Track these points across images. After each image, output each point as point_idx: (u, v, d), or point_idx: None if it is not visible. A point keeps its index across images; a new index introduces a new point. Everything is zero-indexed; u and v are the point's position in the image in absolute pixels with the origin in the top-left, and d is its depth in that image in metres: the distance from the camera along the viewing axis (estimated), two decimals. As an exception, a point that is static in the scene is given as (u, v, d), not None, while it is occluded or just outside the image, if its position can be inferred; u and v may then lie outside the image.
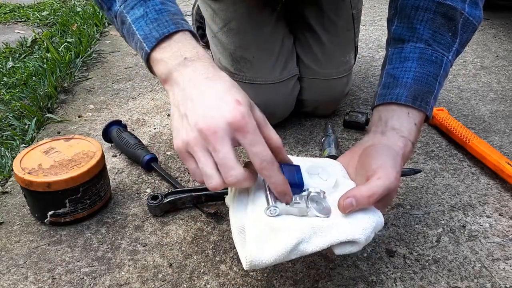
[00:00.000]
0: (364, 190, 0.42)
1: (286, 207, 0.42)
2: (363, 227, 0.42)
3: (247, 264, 0.40)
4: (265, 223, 0.41)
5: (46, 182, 0.56)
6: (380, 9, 1.62)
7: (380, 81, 0.56)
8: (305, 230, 0.41)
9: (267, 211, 0.41)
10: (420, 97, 0.51)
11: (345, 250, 0.42)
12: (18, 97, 0.94)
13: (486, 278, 0.52)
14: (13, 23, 1.57)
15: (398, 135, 0.49)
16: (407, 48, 0.54)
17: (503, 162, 0.68)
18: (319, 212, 0.42)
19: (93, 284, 0.51)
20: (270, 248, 0.40)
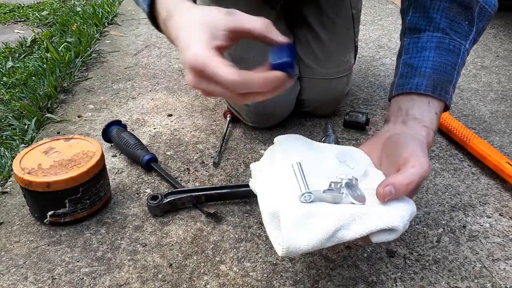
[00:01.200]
0: (402, 178, 0.42)
1: (320, 194, 0.41)
2: (401, 215, 0.41)
3: (283, 250, 0.39)
4: (301, 209, 0.40)
5: (46, 182, 0.56)
6: (380, 9, 1.62)
7: (396, 71, 0.56)
8: (344, 217, 0.40)
9: (301, 197, 0.41)
10: (439, 86, 0.51)
11: (382, 238, 0.41)
12: (18, 97, 0.94)
13: (487, 278, 0.52)
14: (12, 23, 1.57)
15: (420, 124, 0.50)
16: (424, 37, 0.54)
17: (504, 162, 0.68)
18: (354, 199, 0.42)
19: (93, 284, 0.51)
20: (308, 234, 0.39)
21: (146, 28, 1.43)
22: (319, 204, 0.41)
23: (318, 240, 0.39)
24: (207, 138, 0.81)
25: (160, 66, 1.13)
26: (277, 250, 0.39)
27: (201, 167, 0.72)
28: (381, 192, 0.41)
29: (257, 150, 0.77)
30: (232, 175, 0.71)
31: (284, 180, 0.44)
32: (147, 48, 1.25)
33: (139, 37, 1.34)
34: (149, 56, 1.19)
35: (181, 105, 0.93)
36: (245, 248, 0.56)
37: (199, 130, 0.83)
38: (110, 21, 1.49)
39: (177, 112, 0.90)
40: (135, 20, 1.52)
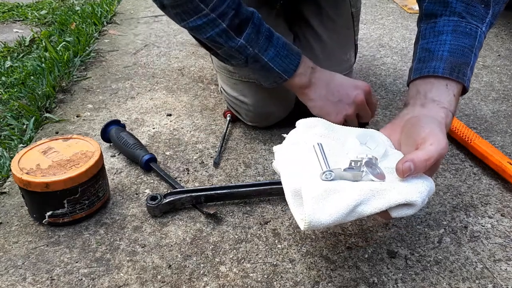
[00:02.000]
0: (421, 154, 0.43)
1: (341, 172, 0.43)
2: (419, 190, 0.43)
3: (306, 224, 0.40)
4: (322, 186, 0.42)
5: (44, 183, 0.55)
6: (381, 8, 1.62)
7: (414, 56, 0.58)
8: (364, 192, 0.42)
9: (323, 175, 0.43)
10: (457, 69, 0.52)
11: (402, 212, 0.43)
12: (16, 97, 0.94)
13: (488, 279, 0.52)
14: (11, 22, 1.56)
15: (438, 106, 0.51)
16: (440, 22, 0.55)
17: (505, 162, 0.67)
18: (374, 176, 0.43)
19: (92, 285, 0.50)
20: (329, 209, 0.41)
21: (145, 28, 1.42)
22: (339, 181, 0.43)
23: (339, 215, 0.40)
24: (207, 138, 0.80)
25: (159, 65, 1.13)
26: (300, 225, 0.41)
27: (200, 167, 0.72)
28: (400, 168, 0.43)
29: (257, 150, 0.77)
30: (232, 175, 0.70)
31: (306, 160, 0.46)
32: (146, 48, 1.25)
33: (138, 36, 1.34)
34: (148, 56, 1.19)
35: (181, 105, 0.92)
36: (245, 249, 0.56)
37: (198, 130, 0.83)
38: (109, 20, 1.48)
39: (176, 111, 0.90)
40: (134, 19, 1.51)
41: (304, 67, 0.64)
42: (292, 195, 0.44)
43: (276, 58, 0.62)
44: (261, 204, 0.64)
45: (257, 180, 0.69)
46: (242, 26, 0.59)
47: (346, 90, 0.65)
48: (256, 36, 0.60)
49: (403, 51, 1.21)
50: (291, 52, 0.63)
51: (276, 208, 0.63)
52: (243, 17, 0.59)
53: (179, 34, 1.36)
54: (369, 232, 0.58)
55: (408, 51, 1.21)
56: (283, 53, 0.62)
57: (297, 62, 0.63)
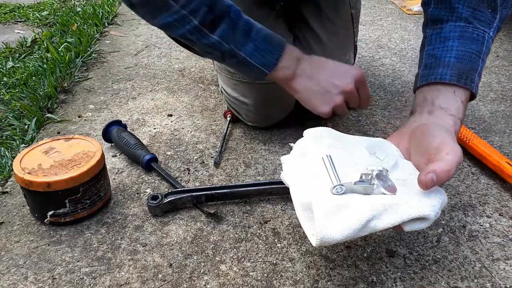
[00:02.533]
0: (442, 165, 0.42)
1: (352, 185, 0.42)
2: (432, 203, 0.42)
3: (317, 240, 0.39)
4: (333, 200, 0.41)
5: (46, 182, 0.56)
6: (380, 9, 1.62)
7: (420, 62, 0.57)
8: (376, 207, 0.41)
9: (333, 189, 0.42)
10: (464, 75, 0.52)
11: (414, 226, 0.42)
12: (18, 97, 0.94)
13: (486, 278, 0.52)
14: (13, 23, 1.57)
15: (446, 113, 0.50)
16: (447, 27, 0.54)
17: (503, 162, 0.68)
18: (385, 189, 0.43)
19: (93, 284, 0.51)
20: (341, 224, 0.40)
21: (146, 28, 1.43)
22: (350, 195, 0.42)
23: (352, 230, 0.40)
24: (207, 138, 0.81)
25: (160, 66, 1.13)
26: (311, 240, 0.40)
27: (201, 167, 0.73)
28: (423, 180, 0.42)
29: (257, 150, 0.77)
30: (232, 175, 0.71)
31: (315, 172, 0.45)
32: (147, 48, 1.25)
33: (139, 37, 1.34)
34: (149, 56, 1.19)
35: (181, 105, 0.93)
36: (245, 248, 0.56)
37: (199, 130, 0.83)
38: (110, 21, 1.49)
39: (177, 112, 0.90)
40: (135, 20, 1.52)
41: (288, 59, 0.60)
42: (302, 209, 0.43)
43: (255, 53, 0.58)
44: (261, 203, 0.64)
45: (257, 180, 0.69)
46: (216, 22, 0.56)
47: (334, 80, 0.61)
48: (232, 32, 0.57)
49: (402, 52, 1.22)
50: (272, 45, 0.60)
51: (276, 208, 0.63)
52: (217, 13, 0.56)
53: (180, 35, 1.36)
54: (368, 231, 0.59)
55: (407, 52, 1.22)
56: (262, 47, 0.59)
57: (277, 55, 0.60)
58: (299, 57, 0.62)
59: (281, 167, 0.72)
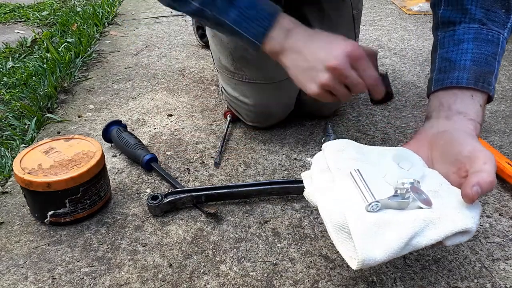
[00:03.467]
0: (485, 176, 0.40)
1: (387, 201, 0.40)
2: (472, 215, 0.40)
3: (358, 263, 0.37)
4: (370, 219, 0.39)
5: (46, 182, 0.56)
6: (380, 9, 1.62)
7: (432, 66, 0.55)
8: (418, 223, 0.39)
9: (369, 207, 0.40)
10: (481, 78, 0.50)
11: (456, 240, 0.40)
12: (18, 97, 0.94)
13: (486, 278, 0.52)
14: (13, 23, 1.57)
15: (466, 118, 0.48)
16: (460, 30, 0.53)
17: (503, 162, 0.68)
18: (422, 203, 0.40)
19: (93, 284, 0.51)
20: (382, 245, 0.38)
21: (146, 28, 1.43)
22: (387, 212, 0.40)
23: (394, 250, 0.38)
24: (207, 138, 0.81)
25: (160, 66, 1.13)
26: (351, 263, 0.38)
27: (201, 167, 0.73)
28: (470, 194, 0.40)
29: (257, 150, 0.77)
30: (232, 175, 0.71)
31: (345, 189, 0.42)
32: (147, 48, 1.25)
33: (139, 37, 1.35)
34: (149, 56, 1.19)
35: (181, 105, 0.93)
36: (245, 248, 0.56)
37: (199, 130, 0.83)
38: (110, 21, 1.49)
39: (177, 112, 0.90)
40: (135, 20, 1.52)
41: (278, 29, 0.54)
42: (336, 230, 0.40)
43: (240, 21, 0.54)
44: (261, 203, 0.64)
45: (257, 180, 0.69)
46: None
47: (319, 54, 0.53)
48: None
49: (402, 52, 1.22)
50: (261, 13, 0.54)
51: (276, 208, 0.63)
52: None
53: (180, 35, 1.37)
54: (368, 231, 0.59)
55: (407, 52, 1.22)
56: (249, 14, 0.54)
57: (267, 24, 0.54)
58: (290, 29, 0.55)
59: (281, 167, 0.72)
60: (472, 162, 0.42)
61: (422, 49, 1.24)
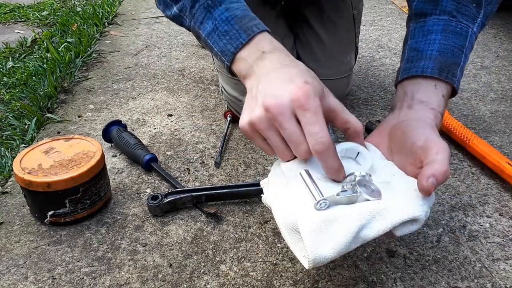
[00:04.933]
0: (439, 167, 0.40)
1: (335, 197, 0.40)
2: (420, 203, 0.40)
3: (310, 262, 0.37)
4: (318, 217, 0.39)
5: (46, 182, 0.56)
6: (380, 9, 1.62)
7: (402, 57, 0.55)
8: (364, 216, 0.39)
9: (317, 205, 0.39)
10: (446, 69, 0.50)
11: (406, 230, 0.40)
12: (18, 97, 0.94)
13: (487, 278, 0.52)
14: (13, 23, 1.57)
15: (426, 107, 0.48)
16: (430, 21, 0.53)
17: (503, 162, 0.68)
18: (369, 195, 0.40)
19: (93, 284, 0.51)
20: (331, 241, 0.38)
21: (146, 28, 1.43)
22: (335, 208, 0.40)
23: (343, 245, 0.38)
24: (207, 138, 0.81)
25: (160, 66, 1.13)
26: (303, 263, 0.38)
27: (201, 167, 0.73)
28: (426, 186, 0.39)
29: (257, 150, 0.77)
30: (232, 175, 0.71)
31: (295, 190, 0.42)
32: (147, 48, 1.25)
33: (139, 37, 1.35)
34: (149, 56, 1.19)
35: (181, 105, 0.93)
36: (245, 248, 0.56)
37: (199, 130, 0.83)
38: (110, 21, 1.49)
39: (177, 112, 0.90)
40: (135, 20, 1.52)
41: (251, 49, 0.46)
42: (288, 230, 0.40)
43: (213, 34, 0.48)
44: (261, 203, 0.64)
45: (257, 179, 0.69)
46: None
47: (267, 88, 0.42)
48: (190, 5, 0.49)
49: (403, 52, 1.22)
50: (237, 30, 0.46)
51: (276, 208, 0.63)
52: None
53: (180, 35, 1.37)
54: (368, 231, 0.59)
55: (408, 52, 1.22)
56: (223, 29, 0.47)
57: (239, 42, 0.46)
58: (266, 51, 0.46)
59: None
60: (425, 152, 0.42)
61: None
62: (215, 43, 0.48)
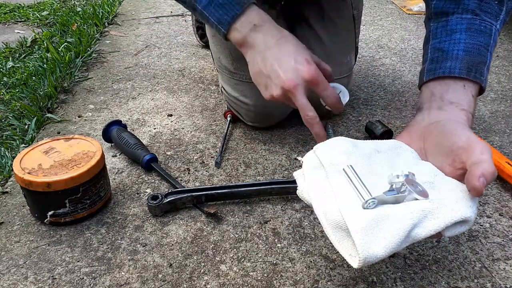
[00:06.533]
0: (487, 167, 0.39)
1: (384, 197, 0.39)
2: (469, 204, 0.40)
3: (360, 261, 0.36)
4: (368, 216, 0.38)
5: (46, 182, 0.56)
6: (380, 9, 1.62)
7: (424, 57, 0.55)
8: (416, 214, 0.38)
9: (365, 204, 0.39)
10: (474, 68, 0.50)
11: (455, 231, 0.39)
12: (18, 97, 0.94)
13: (487, 278, 0.52)
14: (13, 23, 1.57)
15: (458, 108, 0.48)
16: (453, 20, 0.53)
17: (503, 162, 0.68)
18: (418, 194, 0.40)
19: (93, 284, 0.51)
20: (382, 240, 0.37)
21: (146, 28, 1.43)
22: (384, 207, 0.39)
23: (395, 244, 0.37)
24: (207, 138, 0.81)
25: (160, 66, 1.13)
26: (352, 262, 0.37)
27: (201, 167, 0.73)
28: (478, 186, 0.39)
29: (257, 150, 0.77)
30: (232, 175, 0.71)
31: (340, 185, 0.41)
32: (147, 48, 1.25)
33: (139, 37, 1.35)
34: (149, 56, 1.19)
35: (181, 105, 0.93)
36: (245, 248, 0.56)
37: (199, 130, 0.83)
38: (110, 21, 1.49)
39: (177, 112, 0.90)
40: (135, 20, 1.52)
41: (244, 21, 0.56)
42: (332, 229, 0.39)
43: (209, 6, 0.56)
44: (261, 203, 0.64)
45: (257, 180, 0.69)
46: None
47: (279, 69, 0.55)
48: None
49: (402, 52, 1.22)
50: (231, 2, 0.56)
51: (276, 208, 0.63)
52: None
53: (180, 35, 1.37)
54: (368, 231, 0.59)
55: (407, 52, 1.22)
56: (218, 2, 0.56)
57: (234, 13, 0.56)
58: (256, 24, 0.57)
59: (281, 167, 0.72)
60: (468, 153, 0.41)
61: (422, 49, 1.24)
62: (212, 14, 0.56)
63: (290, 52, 0.55)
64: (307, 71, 0.54)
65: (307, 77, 0.54)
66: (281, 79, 0.54)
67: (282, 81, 0.54)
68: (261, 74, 0.57)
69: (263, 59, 0.56)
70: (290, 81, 0.54)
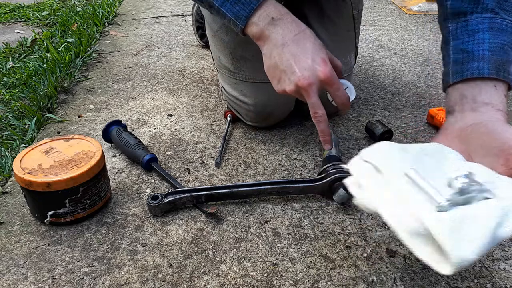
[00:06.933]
0: None
1: (457, 197, 0.38)
2: None
3: (453, 266, 0.35)
4: (449, 218, 0.36)
5: (46, 182, 0.56)
6: (380, 9, 1.63)
7: (446, 58, 0.54)
8: (497, 212, 0.36)
9: (440, 206, 0.38)
10: (502, 68, 0.49)
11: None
12: (18, 97, 0.94)
13: (487, 278, 0.52)
14: (13, 23, 1.57)
15: (494, 109, 0.47)
16: (473, 20, 0.52)
17: None
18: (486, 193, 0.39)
19: (93, 284, 0.51)
20: (471, 243, 0.35)
21: (146, 28, 1.43)
22: (459, 208, 0.38)
23: (484, 245, 0.35)
24: (207, 138, 0.81)
25: (160, 66, 1.13)
26: (441, 269, 0.35)
27: (201, 167, 0.73)
28: None
29: (257, 150, 0.77)
30: (232, 175, 0.71)
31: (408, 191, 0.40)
32: (147, 48, 1.25)
33: (139, 37, 1.35)
34: (149, 56, 1.19)
35: (181, 105, 0.93)
36: (245, 248, 0.56)
37: (199, 130, 0.83)
38: (110, 21, 1.49)
39: (177, 112, 0.90)
40: (135, 20, 1.52)
41: (261, 15, 0.57)
42: (410, 236, 0.37)
43: (226, 3, 0.58)
44: (261, 203, 0.64)
45: (257, 180, 0.69)
46: None
47: (295, 65, 0.56)
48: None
49: (402, 52, 1.22)
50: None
51: (276, 208, 0.63)
52: None
53: (180, 35, 1.37)
54: (368, 231, 0.59)
55: (407, 52, 1.22)
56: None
57: (251, 8, 0.57)
58: (274, 17, 0.57)
59: (281, 167, 0.72)
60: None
61: (422, 49, 1.24)
62: (229, 10, 0.58)
63: (308, 50, 0.56)
64: (323, 71, 0.55)
65: (323, 78, 0.55)
66: (297, 76, 0.55)
67: (298, 78, 0.55)
68: (276, 68, 0.58)
69: (280, 53, 0.57)
70: (305, 80, 0.55)
